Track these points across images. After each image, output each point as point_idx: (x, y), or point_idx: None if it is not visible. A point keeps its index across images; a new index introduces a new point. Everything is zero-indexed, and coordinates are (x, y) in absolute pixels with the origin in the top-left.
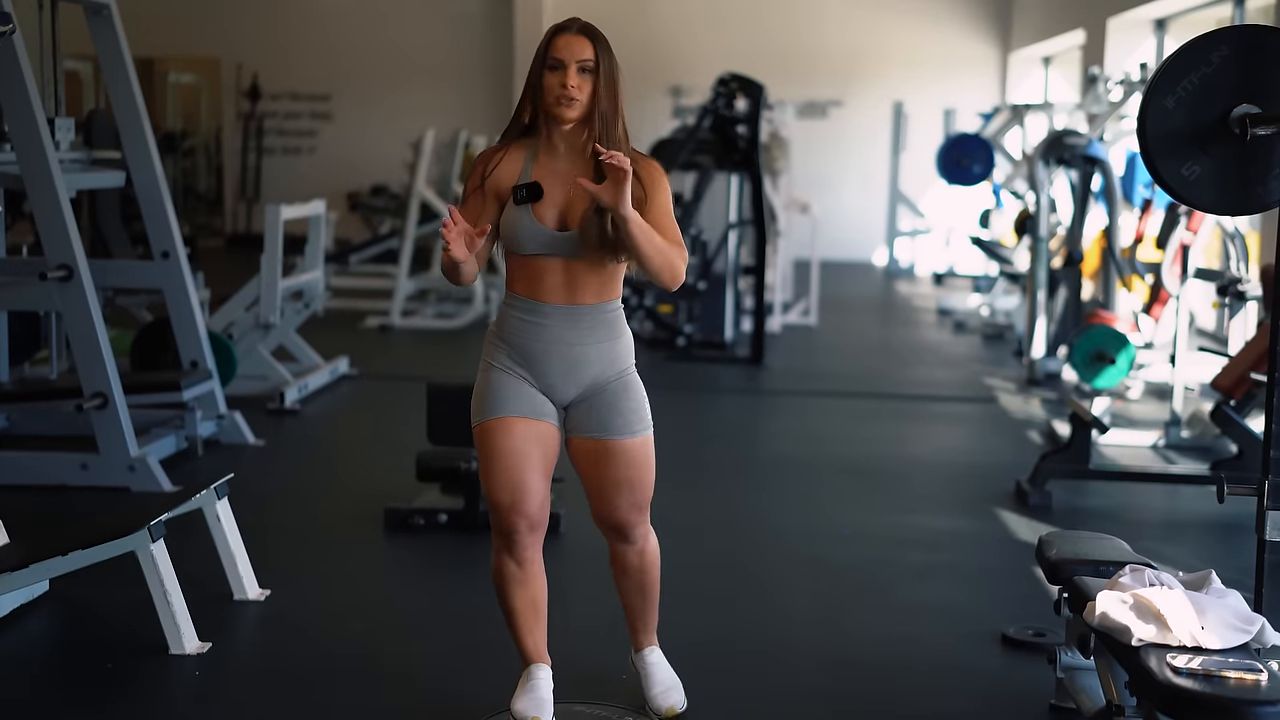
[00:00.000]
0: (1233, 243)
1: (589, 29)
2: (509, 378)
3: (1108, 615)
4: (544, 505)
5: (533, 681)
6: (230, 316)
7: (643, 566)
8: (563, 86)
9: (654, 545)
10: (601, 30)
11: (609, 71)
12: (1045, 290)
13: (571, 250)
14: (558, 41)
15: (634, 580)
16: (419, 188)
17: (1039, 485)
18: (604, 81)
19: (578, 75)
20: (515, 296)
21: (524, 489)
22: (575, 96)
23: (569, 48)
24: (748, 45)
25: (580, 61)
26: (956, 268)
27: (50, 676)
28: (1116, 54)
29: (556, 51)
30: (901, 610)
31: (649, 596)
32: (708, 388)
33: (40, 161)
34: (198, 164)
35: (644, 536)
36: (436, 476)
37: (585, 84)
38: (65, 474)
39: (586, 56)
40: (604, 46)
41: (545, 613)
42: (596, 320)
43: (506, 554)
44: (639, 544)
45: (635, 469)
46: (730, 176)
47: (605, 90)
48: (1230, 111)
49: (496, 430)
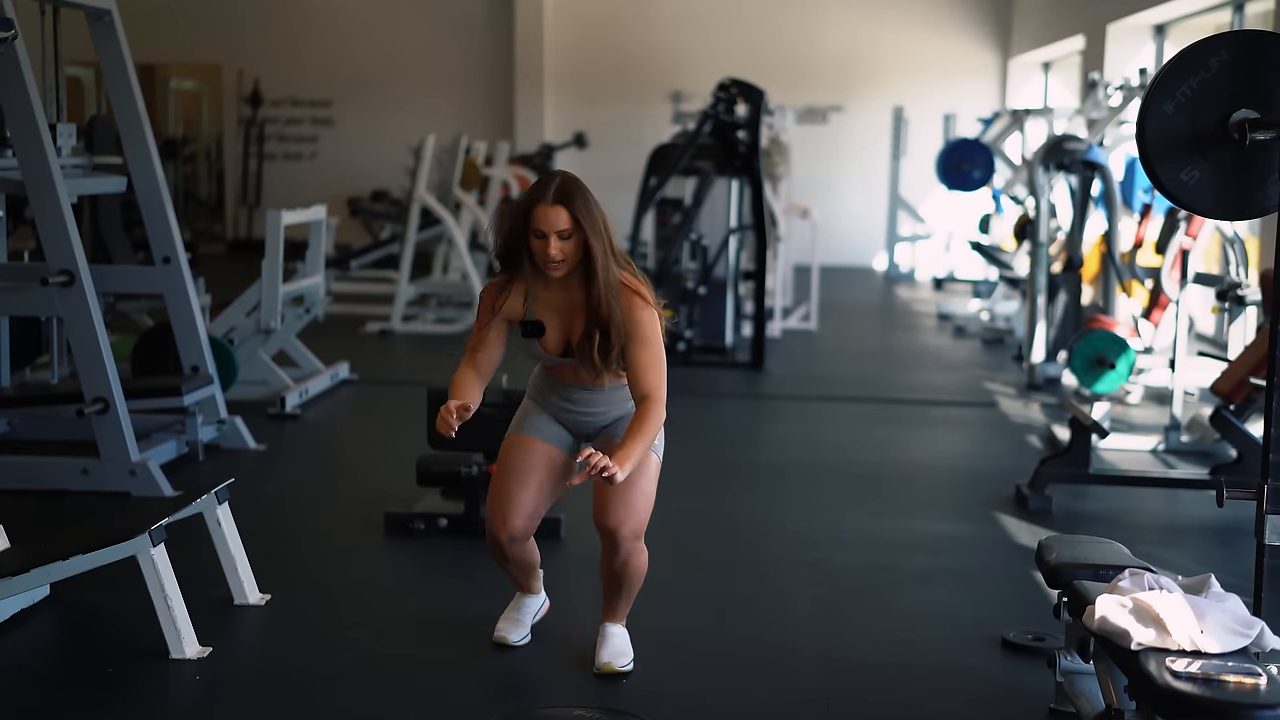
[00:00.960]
0: (1232, 247)
1: (564, 193)
2: (540, 409)
3: (1107, 619)
4: (530, 521)
5: (516, 605)
6: (231, 321)
7: (625, 574)
8: (546, 254)
9: (641, 561)
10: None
11: (590, 225)
12: (1045, 295)
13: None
14: (536, 214)
15: (614, 579)
16: (420, 193)
17: (1039, 490)
18: (588, 235)
19: (559, 242)
20: (542, 374)
21: (512, 500)
22: (560, 260)
23: (547, 219)
24: (748, 51)
25: (559, 231)
26: (956, 273)
27: (51, 681)
28: (1116, 59)
29: (537, 223)
30: (902, 614)
31: (623, 594)
32: (708, 392)
33: (42, 167)
34: (199, 170)
35: (632, 551)
36: (437, 481)
37: (569, 246)
38: (66, 479)
39: (564, 227)
40: (581, 205)
41: (537, 565)
42: (615, 395)
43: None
44: (624, 555)
45: (639, 494)
46: (731, 182)
47: (595, 244)
48: (1229, 116)
49: (513, 444)
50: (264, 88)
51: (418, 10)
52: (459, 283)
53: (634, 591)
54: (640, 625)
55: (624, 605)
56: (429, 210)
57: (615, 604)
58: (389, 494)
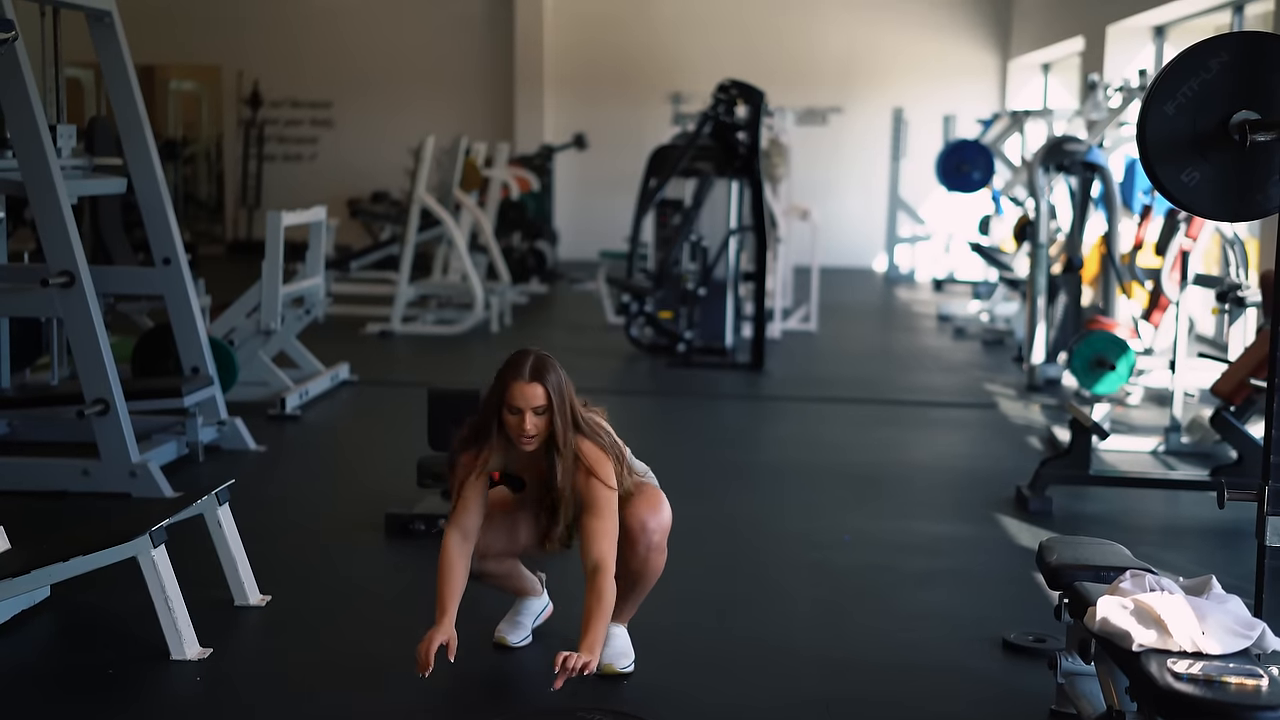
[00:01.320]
0: (1232, 249)
1: (539, 371)
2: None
3: (1108, 620)
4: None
5: (517, 608)
6: (231, 323)
7: (644, 573)
8: (522, 429)
9: (660, 561)
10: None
11: (559, 404)
12: (1045, 296)
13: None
14: (513, 391)
15: (630, 579)
16: (419, 194)
17: (1039, 491)
18: (556, 412)
19: (534, 418)
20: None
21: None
22: (535, 435)
23: (524, 396)
24: (748, 52)
25: (535, 407)
26: (956, 274)
27: (51, 682)
28: (1116, 61)
29: (513, 400)
30: (902, 615)
31: (634, 595)
32: (708, 393)
33: (42, 168)
34: (199, 171)
35: (654, 548)
36: (437, 482)
37: (542, 421)
38: (66, 480)
39: (539, 403)
40: (554, 381)
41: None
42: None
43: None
44: (645, 553)
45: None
46: (730, 183)
47: (559, 418)
48: (1230, 118)
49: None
50: (264, 89)
51: (417, 11)
52: (459, 284)
53: (644, 593)
54: (641, 626)
55: (631, 607)
56: (429, 211)
57: (622, 605)
58: (389, 495)
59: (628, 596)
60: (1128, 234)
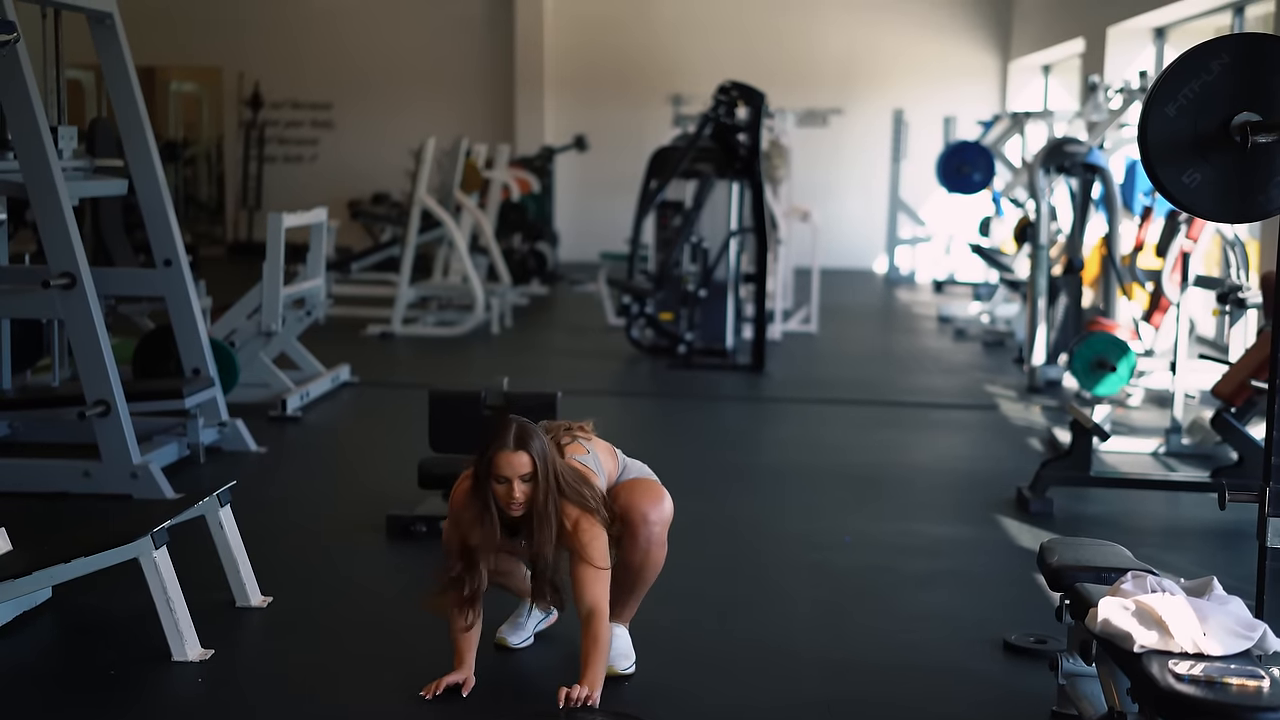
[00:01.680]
0: (1233, 250)
1: (523, 439)
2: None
3: (1110, 621)
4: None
5: (520, 610)
6: (232, 324)
7: (644, 566)
8: (510, 497)
9: (660, 555)
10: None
11: (544, 469)
12: (1045, 298)
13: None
14: (499, 461)
15: (631, 573)
16: (420, 196)
17: (1040, 492)
18: (540, 479)
19: (522, 485)
20: None
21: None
22: (522, 501)
23: (510, 465)
24: (748, 54)
25: (522, 475)
26: (957, 275)
27: (53, 683)
28: (1116, 62)
29: (500, 470)
30: (903, 617)
31: (634, 591)
32: (709, 395)
33: (43, 169)
34: (199, 172)
35: (654, 540)
36: (438, 484)
37: (529, 488)
38: (68, 481)
39: (526, 472)
40: (538, 448)
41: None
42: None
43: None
44: (647, 546)
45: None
46: (731, 184)
47: (542, 487)
48: (1231, 119)
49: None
50: (264, 90)
51: (417, 13)
52: (460, 285)
53: (645, 589)
54: (641, 626)
55: (632, 604)
56: (429, 213)
57: (623, 602)
58: (390, 496)
59: (629, 593)
60: (1128, 235)
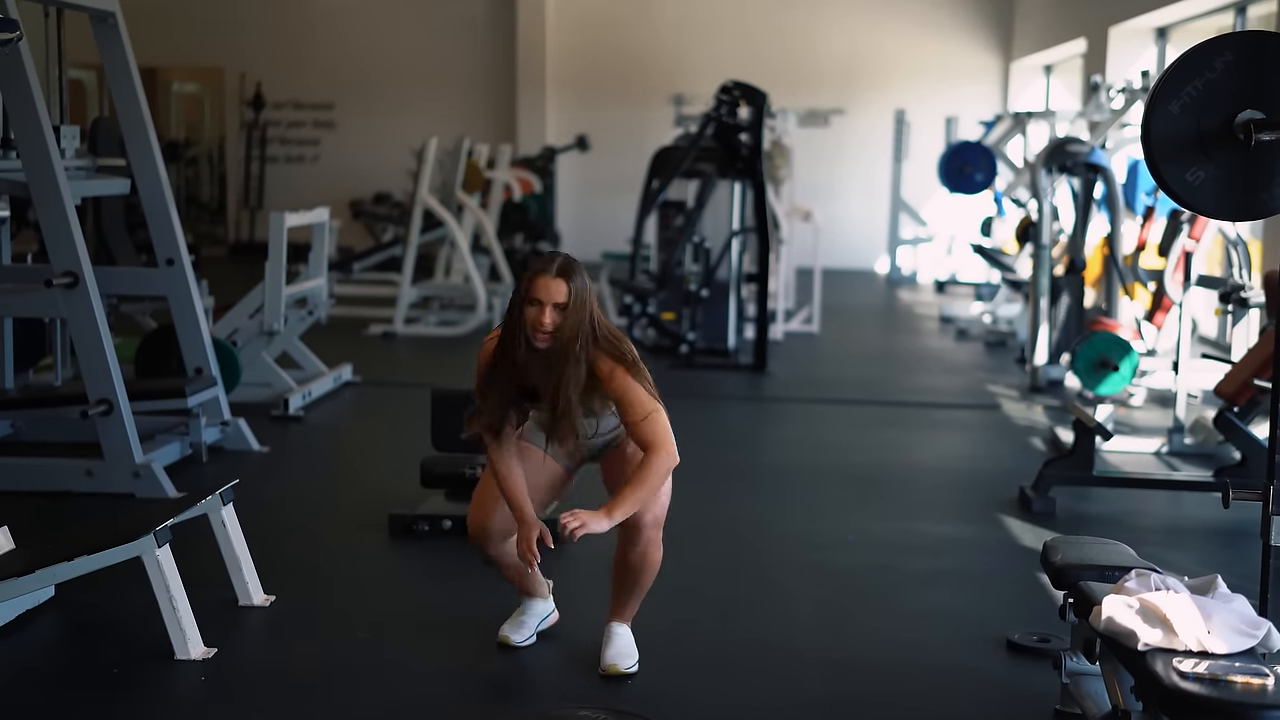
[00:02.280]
0: (1235, 250)
1: (566, 270)
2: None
3: (1113, 620)
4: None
5: (522, 609)
6: (234, 323)
7: (642, 567)
8: (539, 321)
9: (657, 555)
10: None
11: (578, 304)
12: (1048, 298)
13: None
14: (537, 283)
15: (628, 573)
16: (422, 196)
17: (1043, 492)
18: (573, 313)
19: (553, 312)
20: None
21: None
22: (549, 330)
23: (547, 289)
24: (750, 53)
25: (556, 303)
26: (959, 275)
27: (56, 682)
28: (1118, 62)
29: (535, 291)
30: (906, 616)
31: (634, 592)
32: (711, 395)
33: (46, 169)
34: (201, 172)
35: (650, 541)
36: (441, 483)
37: (559, 318)
38: (70, 480)
39: (560, 299)
40: (579, 284)
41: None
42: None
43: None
44: (642, 546)
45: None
46: (733, 184)
47: (572, 320)
48: (1235, 117)
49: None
50: (266, 91)
51: (419, 13)
52: (461, 285)
53: (644, 589)
54: (643, 626)
55: (633, 603)
56: (431, 213)
57: (624, 601)
58: (393, 495)
59: (629, 594)
60: (1130, 235)
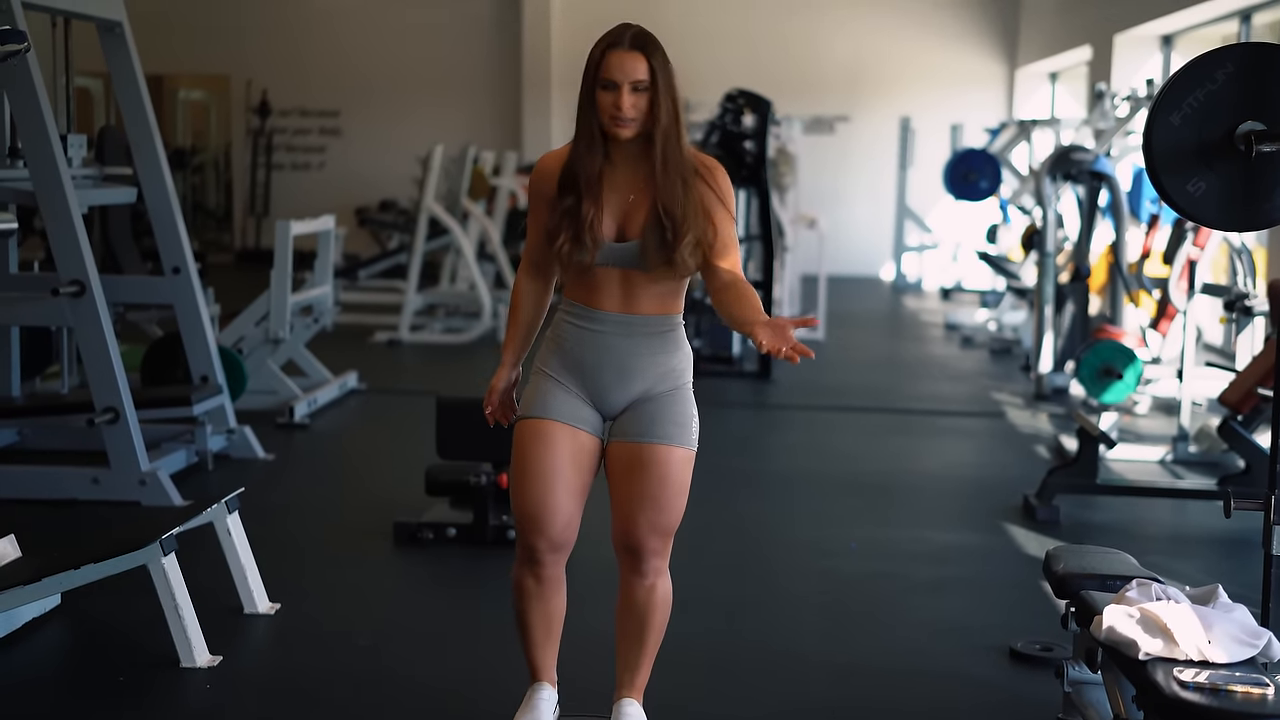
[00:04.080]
0: (1240, 258)
1: (641, 40)
2: (557, 385)
3: (1115, 629)
4: (569, 526)
5: (534, 701)
6: (240, 331)
7: (649, 607)
8: (617, 108)
9: (666, 589)
10: (655, 41)
11: (667, 84)
12: (1052, 305)
13: (630, 260)
14: (610, 60)
15: (636, 621)
16: (427, 203)
17: (1046, 500)
18: (662, 95)
19: (632, 94)
20: (572, 303)
21: (548, 507)
22: (632, 119)
23: (622, 67)
24: (755, 61)
25: (635, 82)
26: (964, 283)
27: (62, 690)
28: (1123, 70)
29: (609, 72)
30: (909, 624)
31: (647, 645)
32: (715, 402)
33: (53, 177)
34: (207, 180)
35: (658, 571)
36: (446, 491)
37: (641, 101)
38: (76, 488)
39: (641, 77)
40: (659, 57)
41: (559, 631)
42: (652, 332)
43: (527, 568)
44: (650, 578)
45: (666, 486)
46: (738, 192)
47: (664, 104)
48: (1236, 128)
49: (533, 432)
50: (272, 98)
51: (424, 21)
52: (467, 292)
53: (656, 643)
54: None
55: (644, 666)
56: (437, 220)
57: (635, 667)
58: (398, 503)
59: (640, 648)
60: (1135, 243)
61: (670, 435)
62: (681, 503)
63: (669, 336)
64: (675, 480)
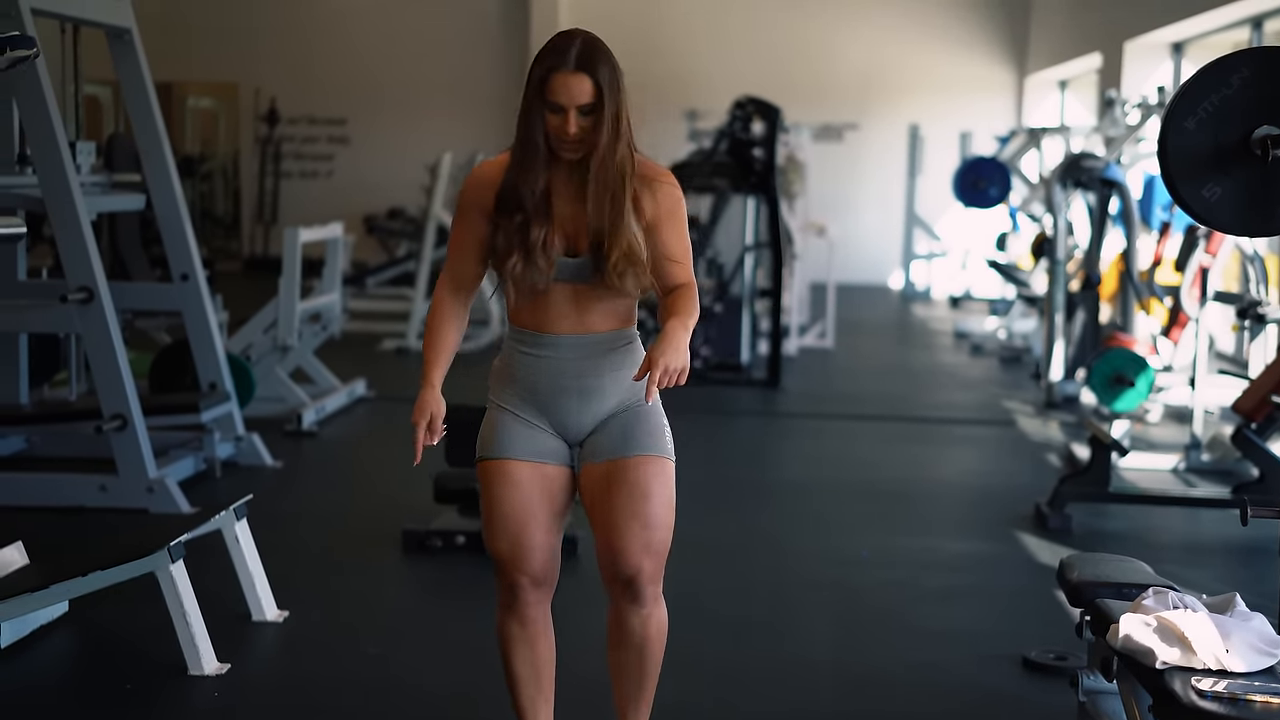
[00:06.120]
0: (1252, 265)
1: (586, 58)
2: (515, 419)
3: (1131, 638)
4: (549, 561)
5: None
6: (248, 339)
7: (645, 638)
8: (564, 132)
9: (662, 617)
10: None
11: (612, 99)
12: (1063, 313)
13: (584, 275)
14: (554, 84)
15: (632, 655)
16: (435, 210)
17: (1058, 508)
18: (606, 114)
19: (579, 118)
20: (520, 330)
21: (524, 544)
22: (580, 139)
23: (568, 91)
24: (764, 68)
25: (581, 105)
26: (973, 291)
27: (70, 697)
28: (1133, 77)
29: (553, 95)
30: (921, 633)
31: (645, 680)
32: (724, 410)
33: (62, 184)
34: (216, 187)
35: (654, 599)
36: (454, 498)
37: (588, 122)
38: (84, 495)
39: (586, 100)
40: (605, 71)
41: (550, 686)
42: (610, 348)
43: (510, 612)
44: (647, 606)
45: (651, 500)
46: (747, 199)
47: (607, 123)
48: (1251, 133)
49: (497, 474)
50: (280, 106)
51: (431, 29)
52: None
53: (655, 676)
54: None
55: (647, 699)
56: (445, 228)
57: (635, 704)
58: (406, 511)
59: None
60: (1146, 250)
61: (646, 445)
62: (670, 518)
63: (626, 350)
64: (659, 492)
